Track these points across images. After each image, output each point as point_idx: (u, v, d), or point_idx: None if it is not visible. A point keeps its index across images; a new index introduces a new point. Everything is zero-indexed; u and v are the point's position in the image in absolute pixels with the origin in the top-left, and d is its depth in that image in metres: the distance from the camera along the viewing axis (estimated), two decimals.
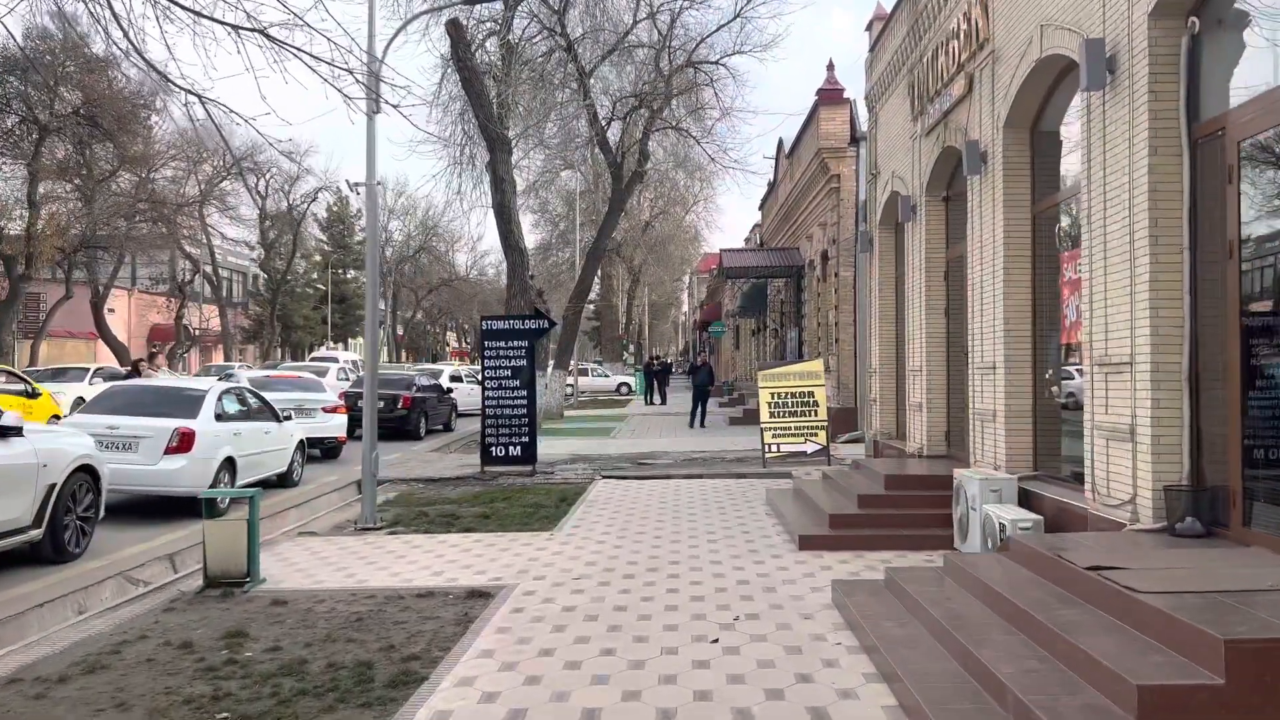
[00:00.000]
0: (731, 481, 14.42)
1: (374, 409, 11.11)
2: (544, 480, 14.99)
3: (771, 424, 15.70)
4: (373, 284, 11.25)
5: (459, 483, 14.94)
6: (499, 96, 19.48)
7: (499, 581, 7.92)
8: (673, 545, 9.38)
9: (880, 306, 14.28)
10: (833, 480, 11.41)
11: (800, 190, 21.89)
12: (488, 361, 15.39)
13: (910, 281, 12.39)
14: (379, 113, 11.03)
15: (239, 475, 12.01)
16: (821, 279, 20.92)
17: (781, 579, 7.84)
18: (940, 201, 11.67)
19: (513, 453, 15.33)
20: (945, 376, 11.60)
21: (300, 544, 9.89)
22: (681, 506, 11.99)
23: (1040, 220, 8.81)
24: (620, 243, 54.76)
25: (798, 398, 15.74)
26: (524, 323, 15.49)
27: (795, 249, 24.25)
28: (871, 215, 14.72)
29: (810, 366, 16.13)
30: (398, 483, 14.92)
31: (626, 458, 17.57)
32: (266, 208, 59.50)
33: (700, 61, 27.57)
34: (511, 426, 15.32)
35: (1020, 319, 8.82)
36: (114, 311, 52.67)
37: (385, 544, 9.79)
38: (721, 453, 18.02)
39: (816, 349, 21.30)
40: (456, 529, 10.57)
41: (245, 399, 12.77)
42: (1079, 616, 4.65)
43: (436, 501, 12.90)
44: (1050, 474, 8.52)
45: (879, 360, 14.31)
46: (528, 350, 15.37)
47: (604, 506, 12.13)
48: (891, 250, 14.26)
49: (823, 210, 20.13)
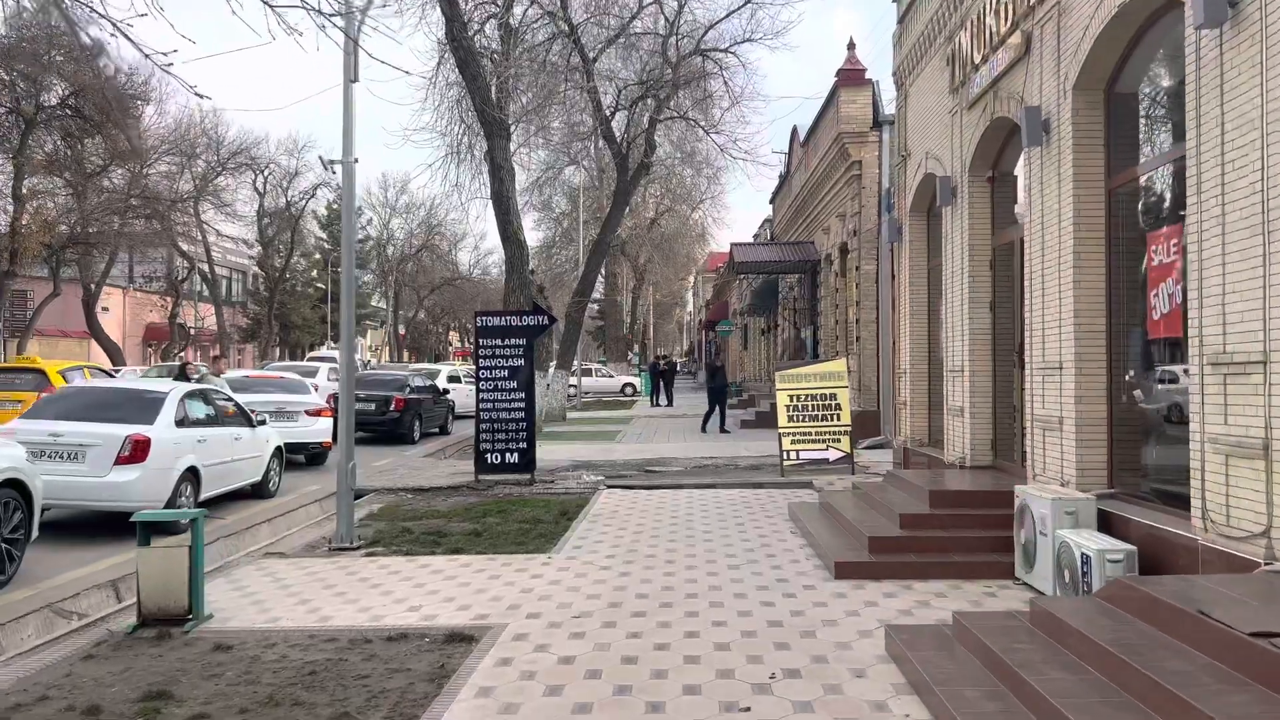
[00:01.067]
0: (748, 492, 13.20)
1: (351, 415, 9.91)
2: (543, 490, 13.79)
3: (790, 429, 14.47)
4: (348, 272, 10.05)
5: (451, 493, 13.74)
6: (498, 77, 18.26)
7: (485, 620, 6.70)
8: (688, 572, 8.16)
9: (911, 301, 13.05)
10: (865, 494, 10.18)
11: (817, 180, 20.65)
12: (482, 361, 14.18)
13: (948, 272, 11.17)
14: (356, 81, 9.85)
15: (204, 487, 10.82)
16: (839, 274, 19.69)
17: (820, 618, 6.61)
18: (984, 182, 10.44)
19: (510, 460, 14.11)
20: (990, 377, 10.37)
21: (264, 568, 8.69)
22: (695, 522, 10.78)
23: (1117, 197, 7.57)
24: (625, 240, 53.59)
25: (818, 400, 14.52)
26: (521, 319, 14.28)
27: (810, 243, 23.01)
28: (901, 201, 13.49)
29: (832, 366, 14.90)
30: (384, 492, 13.73)
31: (633, 464, 16.36)
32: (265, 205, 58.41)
33: (709, 49, 26.37)
34: (508, 432, 14.10)
35: (1093, 311, 7.58)
36: (108, 311, 51.58)
37: (360, 568, 8.58)
38: (734, 459, 16.80)
39: (834, 348, 20.07)
40: (443, 550, 9.36)
41: (213, 402, 11.57)
42: (1258, 711, 3.42)
43: (424, 515, 11.71)
44: (1131, 493, 7.29)
45: (909, 360, 13.08)
46: (525, 349, 14.15)
47: (609, 522, 10.92)
48: (923, 239, 13.04)
49: (842, 200, 18.89)
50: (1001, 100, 9.32)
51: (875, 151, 17.27)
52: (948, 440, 11.16)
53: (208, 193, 49.74)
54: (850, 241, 18.12)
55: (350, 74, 9.80)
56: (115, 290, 52.61)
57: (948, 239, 11.20)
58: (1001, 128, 9.78)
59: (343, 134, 9.89)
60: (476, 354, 14.25)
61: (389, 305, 75.94)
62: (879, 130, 17.08)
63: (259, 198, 57.85)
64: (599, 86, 25.77)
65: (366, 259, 74.60)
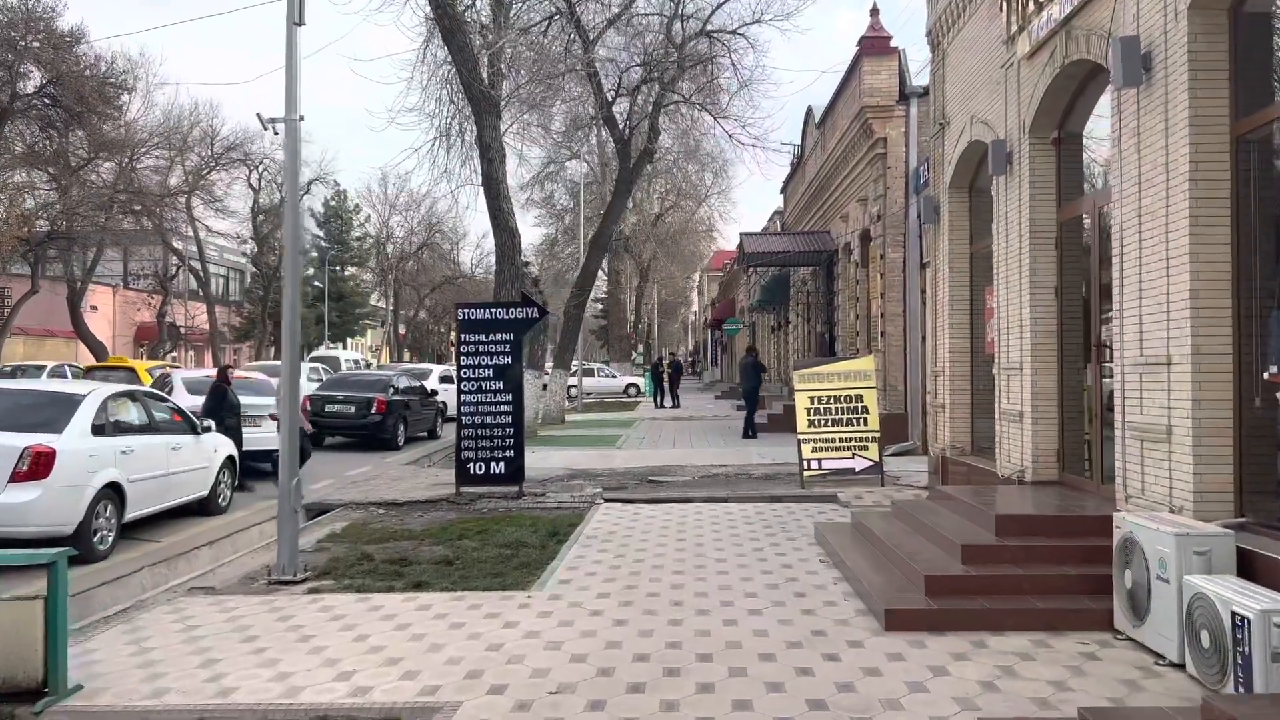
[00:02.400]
0: (765, 507, 11.58)
1: (294, 420, 8.30)
2: (533, 504, 12.19)
3: (811, 435, 12.85)
4: (292, 245, 8.44)
5: (428, 508, 12.14)
6: (489, 49, 16.64)
7: (432, 699, 5.09)
8: (699, 619, 6.55)
9: (951, 290, 11.43)
10: (908, 515, 8.55)
11: (835, 162, 19.01)
12: (465, 360, 12.59)
13: (1002, 254, 9.55)
14: (301, 24, 8.26)
15: (130, 506, 9.25)
16: (860, 263, 18.06)
17: (877, 696, 4.99)
18: (1048, 145, 8.82)
19: (495, 470, 12.51)
20: (1057, 376, 8.75)
21: (180, 610, 7.10)
22: (706, 545, 9.17)
23: (1247, 144, 5.95)
24: (629, 236, 52.03)
25: (843, 402, 12.90)
26: (509, 312, 12.67)
27: (826, 233, 21.38)
28: (937, 176, 11.87)
29: (858, 364, 13.27)
30: (353, 507, 12.14)
31: (634, 473, 14.74)
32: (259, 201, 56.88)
33: (715, 31, 24.77)
34: (494, 439, 12.50)
35: (1215, 290, 5.96)
36: (97, 309, 50.16)
37: (296, 611, 6.98)
38: (746, 467, 15.18)
39: (854, 345, 18.44)
40: (403, 584, 7.77)
41: (145, 405, 9.99)
42: None
43: (392, 536, 10.12)
44: (1268, 522, 5.67)
45: (948, 357, 11.46)
46: (513, 345, 12.55)
47: (605, 545, 9.32)
48: (965, 219, 11.43)
49: (864, 182, 17.26)
50: (1077, 40, 7.69)
51: (902, 127, 15.64)
52: (1000, 450, 9.54)
53: (199, 188, 48.27)
54: (873, 227, 16.49)
55: (294, 15, 8.22)
56: (105, 288, 51.18)
57: (1000, 215, 9.57)
58: (1073, 76, 8.16)
59: (286, 87, 8.30)
60: (458, 351, 12.67)
61: (388, 304, 74.42)
62: (906, 104, 15.45)
63: (253, 194, 56.42)
64: (600, 69, 24.23)
65: (365, 257, 73.15)
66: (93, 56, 33.43)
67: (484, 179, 16.75)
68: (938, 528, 7.62)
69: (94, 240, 40.39)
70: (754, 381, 20.16)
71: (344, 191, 70.38)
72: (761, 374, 20.51)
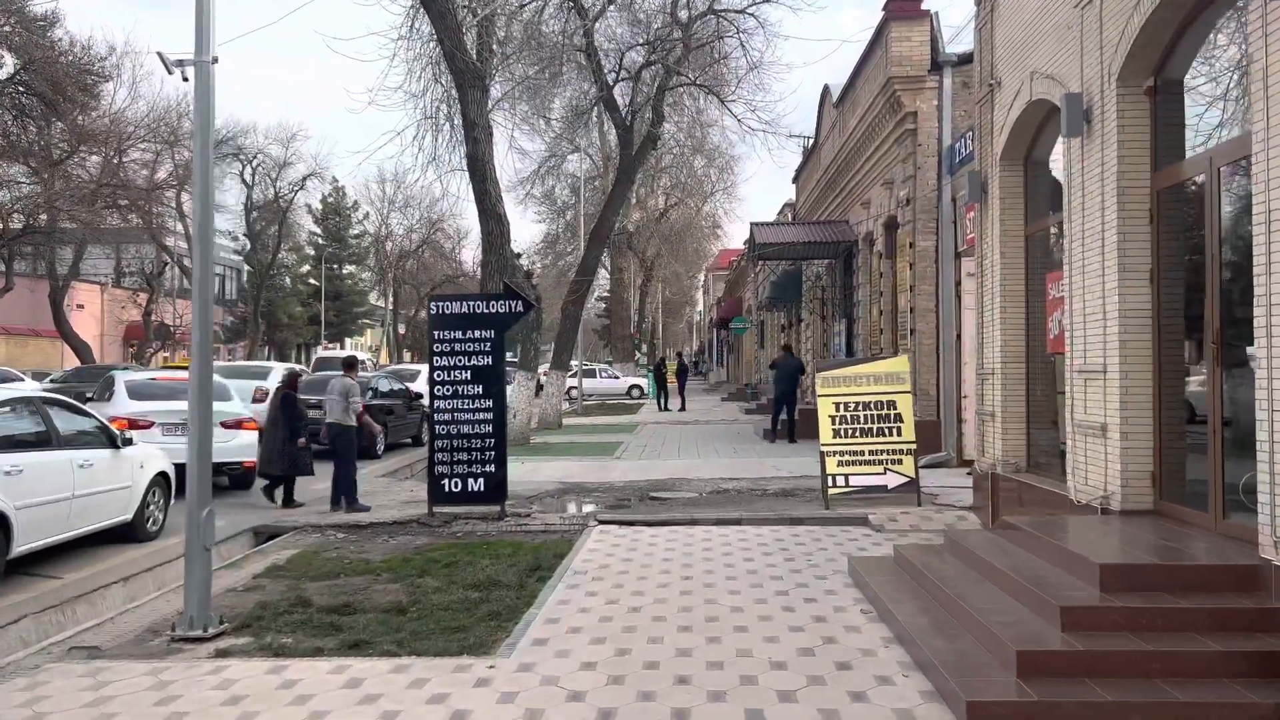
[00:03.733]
0: (784, 532, 9.94)
1: (205, 437, 6.66)
2: (516, 527, 10.59)
3: (836, 446, 11.20)
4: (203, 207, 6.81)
5: (396, 531, 10.54)
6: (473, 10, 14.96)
7: None
8: (714, 707, 4.90)
9: (1003, 279, 9.77)
10: (969, 553, 6.89)
11: (856, 143, 17.34)
12: (439, 360, 10.96)
13: (1078, 232, 7.88)
14: None
15: (18, 538, 7.64)
16: (885, 254, 16.39)
17: None
18: (1142, 95, 7.15)
19: (473, 488, 10.88)
20: (1150, 379, 7.08)
21: (37, 684, 5.47)
22: (718, 586, 7.54)
23: None
24: (633, 233, 50.38)
25: (873, 409, 11.25)
26: (490, 305, 11.02)
27: (844, 222, 19.71)
28: (985, 148, 10.21)
29: (890, 365, 11.61)
30: (310, 530, 10.54)
31: (634, 488, 13.11)
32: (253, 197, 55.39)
33: (723, 10, 23.13)
34: (471, 451, 10.88)
35: None
36: (83, 308, 48.65)
37: (186, 689, 5.35)
38: (760, 480, 13.52)
39: (877, 344, 16.77)
40: (337, 645, 6.15)
41: (44, 415, 8.36)
42: None
43: (344, 570, 8.52)
44: None
45: (999, 356, 9.80)
46: (494, 344, 10.92)
47: (595, 585, 7.70)
48: (1019, 195, 9.76)
49: (890, 163, 15.59)
50: None
51: (934, 100, 13.97)
52: (1074, 470, 7.87)
53: (189, 183, 46.66)
54: (901, 213, 14.82)
55: None
56: (92, 287, 49.64)
57: (1075, 185, 7.91)
58: (1178, 6, 6.50)
59: (196, 23, 6.66)
60: (431, 350, 11.04)
61: (388, 303, 72.83)
62: (939, 74, 13.79)
63: (247, 190, 54.93)
64: (600, 51, 22.60)
65: (364, 255, 71.60)
66: (68, 41, 31.92)
67: (469, 160, 15.10)
68: (1015, 573, 5.96)
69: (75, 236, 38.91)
70: (792, 385, 18.49)
71: (342, 188, 68.82)
72: (800, 375, 18.83)
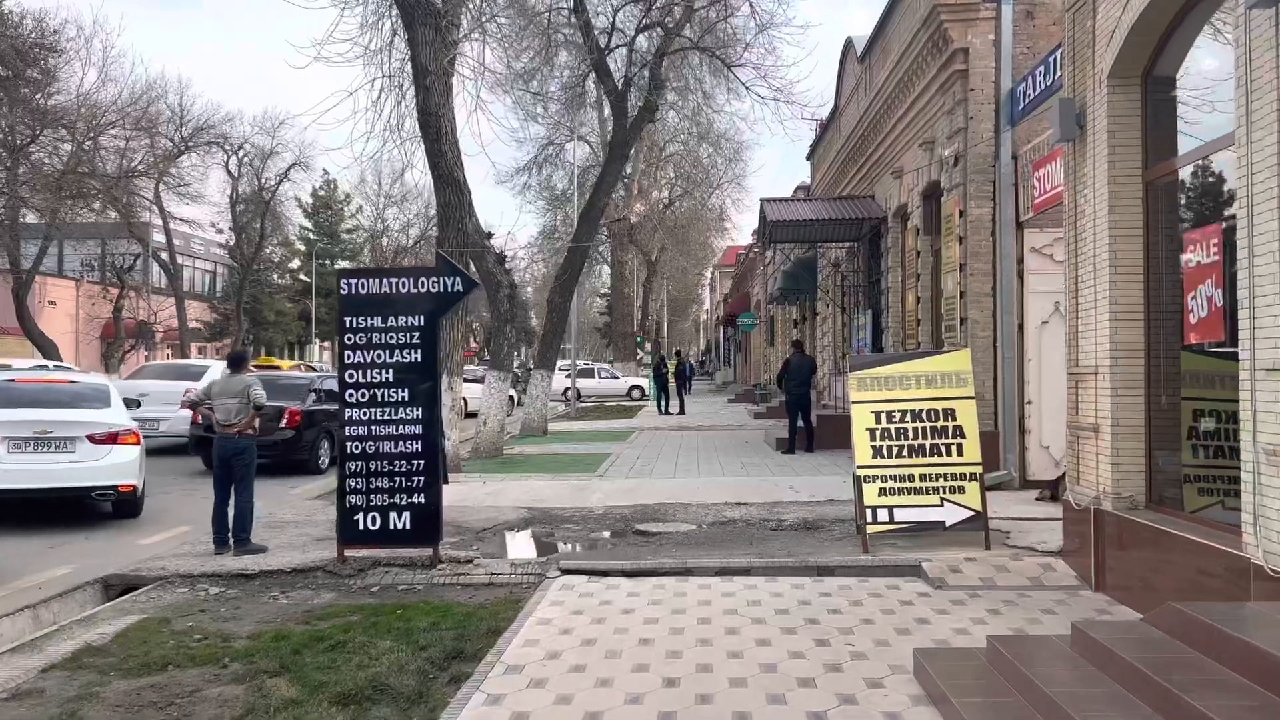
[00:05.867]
0: (810, 588, 7.29)
1: None
2: (451, 578, 7.97)
3: (877, 468, 8.50)
4: None
5: (291, 583, 7.93)
6: None
7: None
8: None
9: (1113, 241, 7.07)
10: (1130, 668, 4.19)
11: (888, 98, 14.59)
12: (350, 356, 8.31)
13: (1261, 167, 5.18)
14: None
15: None
16: (923, 229, 13.68)
17: None
18: None
19: (396, 525, 8.21)
20: None
21: None
22: (718, 700, 4.87)
23: None
24: (634, 225, 47.70)
25: (925, 420, 8.55)
26: (419, 282, 8.31)
27: (869, 198, 17.01)
28: (1086, 64, 7.51)
29: (946, 362, 8.88)
30: (178, 581, 7.93)
31: (617, 516, 10.44)
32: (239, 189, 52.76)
33: None
34: (393, 476, 8.22)
35: None
36: (55, 304, 46.20)
37: None
38: (775, 507, 10.84)
39: (913, 338, 14.05)
40: None
41: None
42: None
43: (179, 659, 5.91)
44: None
45: (1108, 349, 7.10)
46: (425, 333, 8.26)
47: (534, 689, 5.04)
48: (1134, 127, 7.06)
49: (932, 117, 12.88)
50: None
51: (989, 34, 11.25)
52: (1260, 518, 5.16)
53: (168, 173, 44.20)
54: (946, 176, 12.10)
55: None
56: (66, 282, 47.16)
57: (1256, 94, 5.20)
58: None
59: None
60: (340, 342, 8.37)
61: None
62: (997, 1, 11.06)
63: (232, 181, 52.32)
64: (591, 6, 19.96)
65: (357, 250, 69.03)
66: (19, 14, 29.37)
67: (420, 113, 12.38)
68: None
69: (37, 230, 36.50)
70: (807, 386, 15.78)
71: (334, 181, 66.25)
72: (813, 375, 16.06)
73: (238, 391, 8.71)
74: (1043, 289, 11.10)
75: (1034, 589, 7.35)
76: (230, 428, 8.71)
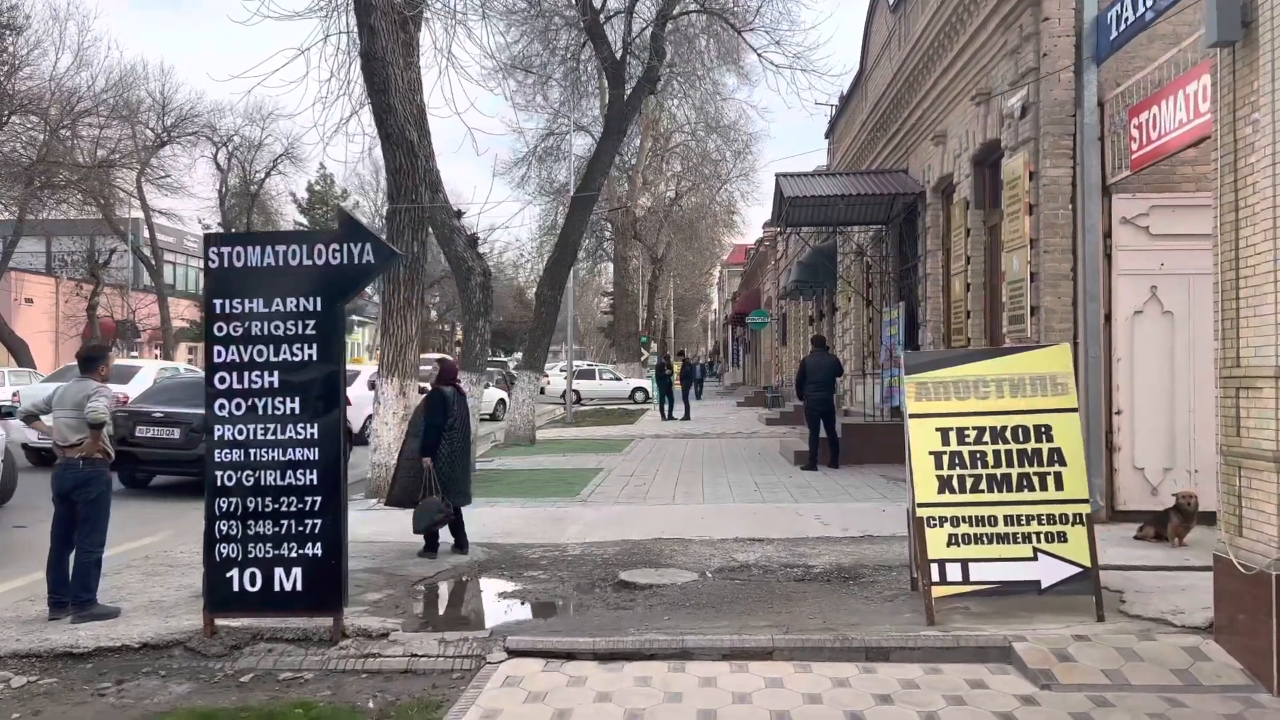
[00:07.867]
0: (857, 685, 5.02)
1: None
2: (356, 660, 5.72)
3: (944, 507, 6.20)
4: None
5: (134, 668, 5.70)
6: None
7: None
8: None
9: None
10: None
11: (929, 49, 12.24)
12: (220, 353, 6.04)
13: None
14: None
15: None
16: (976, 202, 11.37)
17: None
18: None
19: (284, 584, 5.94)
20: None
21: None
22: None
23: None
24: (638, 219, 45.39)
25: (1010, 441, 6.26)
26: (315, 250, 6.01)
27: (902, 171, 14.70)
28: None
29: (1036, 361, 6.55)
30: None
31: (596, 560, 8.13)
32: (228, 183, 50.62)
33: None
34: (280, 519, 5.95)
35: None
36: (32, 303, 44.11)
37: None
38: (799, 545, 8.53)
39: (962, 334, 11.73)
40: None
41: None
42: None
43: None
44: None
45: None
46: (322, 324, 5.99)
47: None
48: None
49: (989, 62, 10.56)
50: None
51: None
52: None
53: (149, 164, 42.14)
54: (1008, 134, 9.77)
55: None
56: (45, 279, 45.06)
57: None
58: None
59: None
60: (208, 334, 6.09)
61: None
62: None
63: (220, 174, 50.19)
64: None
65: None
66: None
67: (363, 58, 10.11)
68: None
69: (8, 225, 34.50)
70: (830, 391, 13.40)
71: (330, 176, 64.09)
72: (836, 377, 13.63)
73: (76, 403, 6.46)
74: (1136, 269, 8.80)
75: (1186, 691, 5.06)
76: (70, 449, 6.46)
